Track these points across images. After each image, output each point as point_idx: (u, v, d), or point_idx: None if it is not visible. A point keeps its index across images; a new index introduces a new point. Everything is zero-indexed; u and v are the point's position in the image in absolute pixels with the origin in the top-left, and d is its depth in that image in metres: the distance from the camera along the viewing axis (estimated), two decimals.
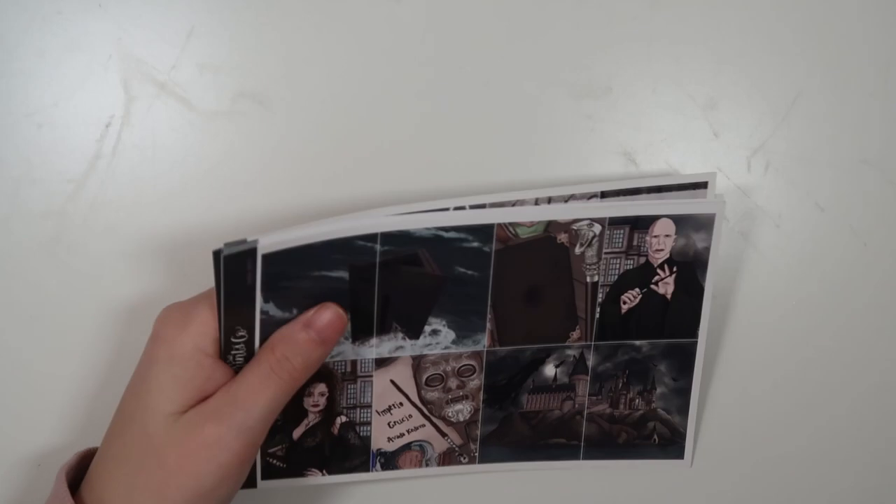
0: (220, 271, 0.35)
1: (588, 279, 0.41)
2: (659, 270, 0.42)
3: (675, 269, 0.42)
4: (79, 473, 0.39)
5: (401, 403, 0.43)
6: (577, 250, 0.41)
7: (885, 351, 0.48)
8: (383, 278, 0.38)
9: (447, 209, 0.39)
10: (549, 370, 0.43)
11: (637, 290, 0.42)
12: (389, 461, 0.44)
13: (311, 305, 0.38)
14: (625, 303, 0.42)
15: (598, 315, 0.42)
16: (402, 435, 0.44)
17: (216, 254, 0.35)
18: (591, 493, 0.48)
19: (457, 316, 0.41)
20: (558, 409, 0.44)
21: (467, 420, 0.44)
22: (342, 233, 0.37)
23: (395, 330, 0.40)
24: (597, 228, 0.40)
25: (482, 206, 0.40)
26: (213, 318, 0.37)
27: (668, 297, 0.42)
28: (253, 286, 0.36)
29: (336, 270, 0.37)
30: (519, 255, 0.40)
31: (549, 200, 0.41)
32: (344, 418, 0.42)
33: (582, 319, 0.42)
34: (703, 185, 0.42)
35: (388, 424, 0.43)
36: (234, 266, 0.35)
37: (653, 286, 0.42)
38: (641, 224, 0.41)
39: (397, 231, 0.38)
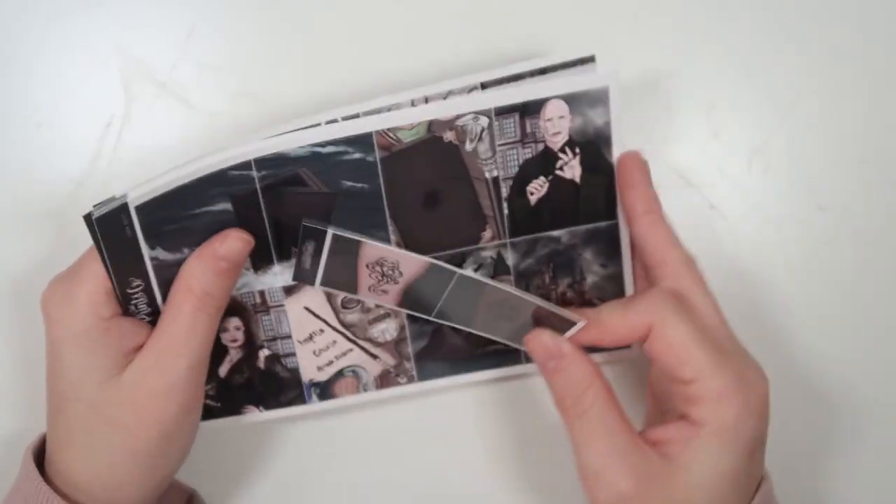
0: (97, 234, 0.35)
1: (487, 175, 0.40)
2: (561, 154, 0.40)
3: (577, 150, 0.40)
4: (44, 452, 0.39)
5: (321, 330, 0.42)
6: (469, 147, 0.39)
7: (887, 351, 0.48)
8: (269, 203, 0.38)
9: (318, 124, 0.37)
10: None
11: (542, 178, 0.40)
12: (325, 391, 0.43)
13: (202, 241, 0.37)
14: (532, 193, 0.40)
15: (506, 211, 0.40)
16: (331, 362, 0.43)
17: (87, 218, 0.35)
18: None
19: (356, 232, 0.39)
20: None
21: (395, 338, 0.43)
22: (212, 167, 0.36)
23: (295, 254, 0.39)
24: (484, 121, 0.38)
25: (355, 116, 0.38)
26: (98, 283, 0.37)
27: (577, 180, 0.40)
28: (135, 238, 0.36)
29: (218, 204, 0.37)
30: (407, 161, 0.38)
31: (427, 100, 0.38)
32: (267, 351, 0.42)
33: (490, 217, 0.40)
34: (590, 60, 0.38)
35: (314, 353, 0.42)
36: (109, 225, 0.35)
37: (558, 172, 0.40)
38: (531, 110, 0.39)
39: (271, 155, 0.37)
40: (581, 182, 0.41)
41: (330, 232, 0.37)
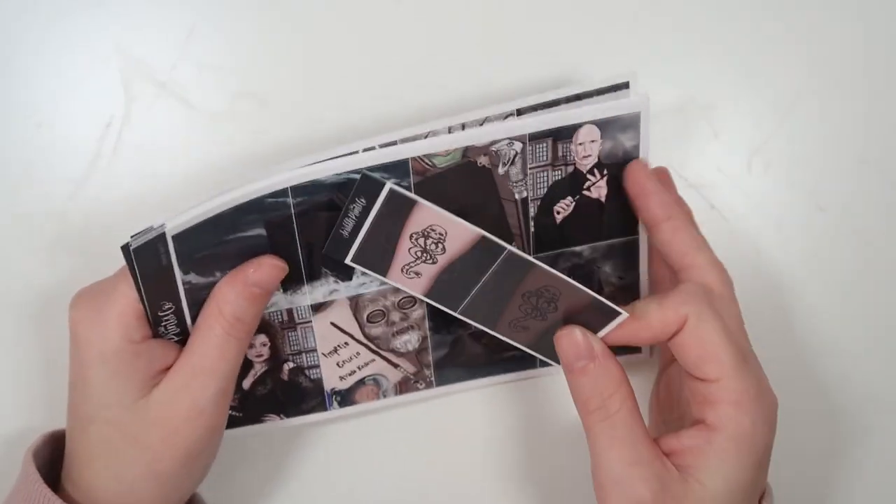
0: (134, 264, 0.35)
1: (517, 196, 0.40)
2: (589, 176, 0.40)
3: (605, 172, 0.40)
4: (51, 455, 0.39)
5: (346, 343, 0.42)
6: (501, 170, 0.39)
7: (887, 351, 0.48)
8: (303, 227, 0.38)
9: (356, 152, 0.37)
10: None
11: (570, 198, 0.41)
12: (346, 398, 0.44)
13: (234, 265, 0.37)
14: (558, 213, 0.41)
15: (532, 229, 0.41)
16: (353, 372, 0.43)
17: (125, 249, 0.35)
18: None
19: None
20: None
21: (417, 348, 0.43)
22: (250, 195, 0.36)
23: (325, 275, 0.40)
24: (517, 146, 0.39)
25: (393, 143, 0.38)
26: (129, 304, 0.36)
27: (603, 199, 0.41)
28: (170, 265, 0.36)
29: (252, 230, 0.37)
30: (440, 184, 0.39)
31: (463, 126, 0.38)
32: (291, 364, 0.42)
33: (517, 235, 0.41)
34: (624, 87, 0.39)
35: (338, 364, 0.43)
36: (146, 255, 0.35)
37: (585, 192, 0.41)
38: (564, 134, 0.39)
39: (307, 182, 0.37)
40: (606, 201, 0.41)
41: (388, 185, 0.35)
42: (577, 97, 0.39)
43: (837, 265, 0.47)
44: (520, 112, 0.39)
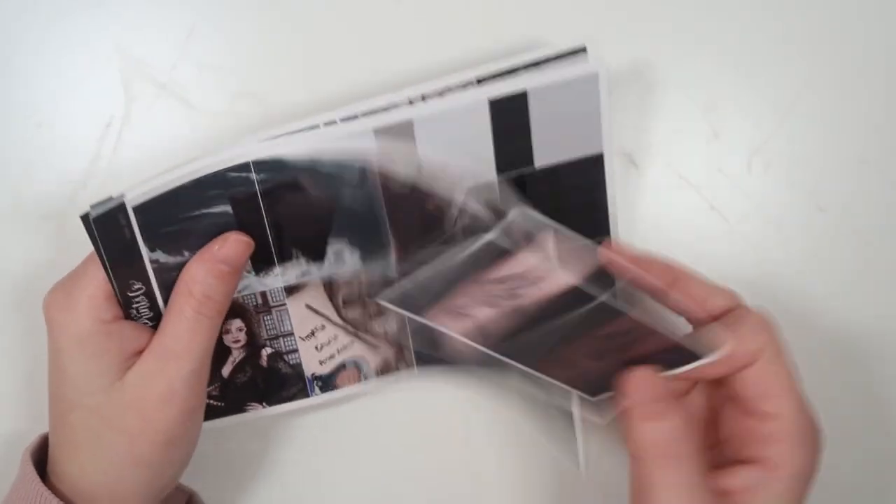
0: (94, 234, 0.35)
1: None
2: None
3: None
4: (44, 455, 0.39)
5: (323, 326, 0.42)
6: None
7: (888, 352, 0.48)
8: (269, 206, 0.38)
9: (317, 126, 0.37)
10: None
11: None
12: (327, 383, 0.44)
13: (202, 244, 0.37)
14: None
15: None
16: (332, 356, 0.43)
17: (84, 218, 0.35)
18: None
19: (356, 234, 0.39)
20: None
21: (396, 329, 0.43)
22: (211, 168, 0.36)
23: (296, 256, 0.40)
24: None
25: (354, 118, 0.37)
26: (98, 286, 0.37)
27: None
28: (134, 240, 0.36)
29: (217, 206, 0.37)
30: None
31: (424, 98, 0.38)
32: (269, 349, 0.42)
33: None
34: (581, 51, 0.39)
35: (316, 348, 0.43)
36: (107, 226, 0.35)
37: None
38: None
39: (269, 158, 0.36)
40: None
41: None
42: (536, 63, 0.39)
43: (837, 265, 0.47)
44: (479, 81, 0.38)
